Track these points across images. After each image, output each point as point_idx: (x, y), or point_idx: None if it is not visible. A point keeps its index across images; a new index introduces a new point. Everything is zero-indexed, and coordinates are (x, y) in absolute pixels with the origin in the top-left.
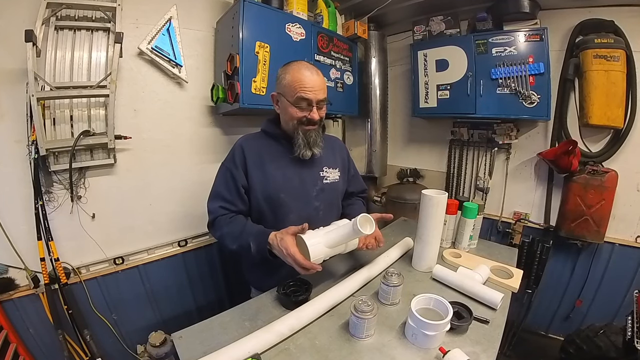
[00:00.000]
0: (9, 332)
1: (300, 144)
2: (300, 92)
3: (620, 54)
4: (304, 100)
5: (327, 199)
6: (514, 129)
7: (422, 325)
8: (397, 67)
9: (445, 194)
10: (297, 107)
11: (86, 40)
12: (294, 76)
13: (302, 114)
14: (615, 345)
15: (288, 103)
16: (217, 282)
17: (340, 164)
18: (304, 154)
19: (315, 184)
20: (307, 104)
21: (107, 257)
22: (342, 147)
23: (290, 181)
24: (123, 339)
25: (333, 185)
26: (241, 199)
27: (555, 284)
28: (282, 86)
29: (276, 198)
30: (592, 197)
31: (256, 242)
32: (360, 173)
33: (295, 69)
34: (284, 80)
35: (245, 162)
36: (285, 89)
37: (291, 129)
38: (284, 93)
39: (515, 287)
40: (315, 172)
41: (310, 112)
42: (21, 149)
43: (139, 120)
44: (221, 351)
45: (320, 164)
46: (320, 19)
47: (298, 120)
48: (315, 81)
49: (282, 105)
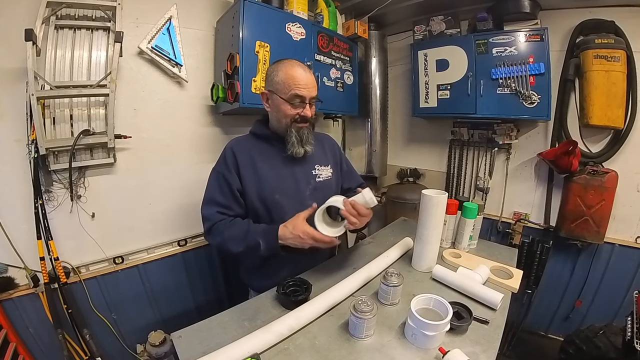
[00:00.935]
0: (8, 332)
1: (294, 141)
2: (294, 89)
3: (621, 55)
4: (298, 97)
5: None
6: (514, 129)
7: (422, 325)
8: (398, 67)
9: (445, 194)
10: (291, 104)
11: (86, 39)
12: (287, 73)
13: (296, 111)
14: (615, 345)
15: (282, 100)
16: (217, 281)
17: (332, 161)
18: (297, 152)
19: (308, 182)
20: (301, 101)
21: (107, 257)
22: (332, 144)
23: (283, 181)
24: (122, 339)
25: (326, 182)
26: (237, 202)
27: (555, 285)
28: (274, 83)
29: (271, 199)
30: (592, 197)
31: (265, 239)
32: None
33: (287, 66)
34: (276, 77)
35: (237, 164)
36: (279, 85)
37: (283, 127)
38: (276, 90)
39: (515, 288)
40: (307, 171)
41: (303, 109)
42: (21, 148)
43: (139, 120)
44: (220, 351)
45: (312, 162)
46: (321, 18)
47: (291, 118)
48: (308, 78)
49: (274, 102)
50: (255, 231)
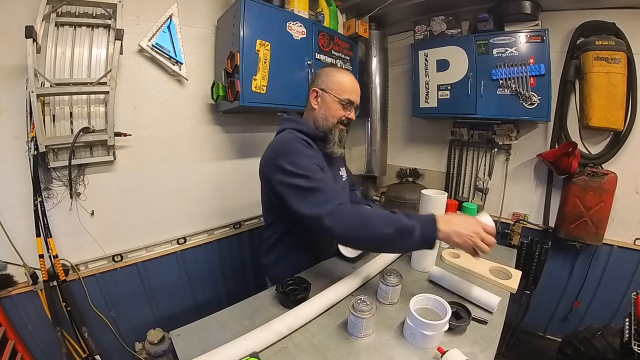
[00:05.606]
0: (7, 329)
1: (335, 141)
2: (349, 94)
3: (621, 57)
4: (350, 102)
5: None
6: (514, 130)
7: (421, 325)
8: (398, 67)
9: (444, 194)
10: (342, 105)
11: (86, 36)
12: (342, 78)
13: (343, 113)
14: (613, 347)
15: (335, 99)
16: (216, 280)
17: (344, 164)
18: (336, 151)
19: (338, 181)
20: (350, 104)
21: (106, 255)
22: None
23: (330, 178)
24: (121, 337)
25: (346, 182)
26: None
27: (553, 285)
28: (328, 82)
29: None
30: (591, 199)
31: (422, 224)
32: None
33: (341, 71)
34: (331, 77)
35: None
36: (334, 85)
37: (329, 125)
38: (330, 89)
39: (513, 288)
40: (336, 171)
41: (350, 112)
42: (20, 145)
43: (139, 118)
44: (219, 349)
45: (337, 164)
46: (322, 17)
47: (338, 119)
48: (358, 87)
49: (325, 100)
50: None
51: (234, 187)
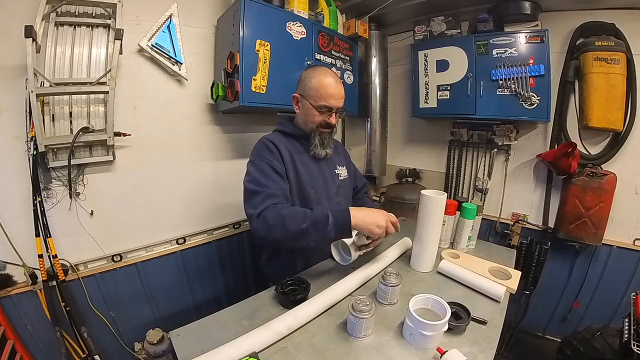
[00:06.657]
0: (6, 329)
1: (316, 143)
2: (324, 100)
3: (621, 57)
4: (327, 107)
5: (345, 194)
6: (513, 131)
7: (420, 325)
8: (398, 67)
9: (444, 194)
10: (319, 111)
11: (86, 36)
12: (320, 82)
13: (322, 118)
14: (612, 347)
15: (311, 106)
16: (215, 280)
17: (345, 162)
18: (319, 153)
19: (334, 181)
20: (328, 110)
21: (105, 255)
22: (343, 148)
23: (316, 178)
24: (120, 337)
25: (346, 181)
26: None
27: (553, 286)
28: (306, 88)
29: (307, 194)
30: (590, 199)
31: (335, 214)
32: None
33: (322, 74)
34: (309, 83)
35: (280, 155)
36: (310, 92)
37: (309, 129)
38: (307, 96)
39: (513, 288)
40: (332, 170)
41: (329, 117)
42: (20, 145)
43: (139, 118)
44: (219, 349)
45: (333, 163)
46: (321, 17)
47: (317, 124)
48: (339, 90)
49: (303, 106)
50: (324, 208)
51: (234, 187)
